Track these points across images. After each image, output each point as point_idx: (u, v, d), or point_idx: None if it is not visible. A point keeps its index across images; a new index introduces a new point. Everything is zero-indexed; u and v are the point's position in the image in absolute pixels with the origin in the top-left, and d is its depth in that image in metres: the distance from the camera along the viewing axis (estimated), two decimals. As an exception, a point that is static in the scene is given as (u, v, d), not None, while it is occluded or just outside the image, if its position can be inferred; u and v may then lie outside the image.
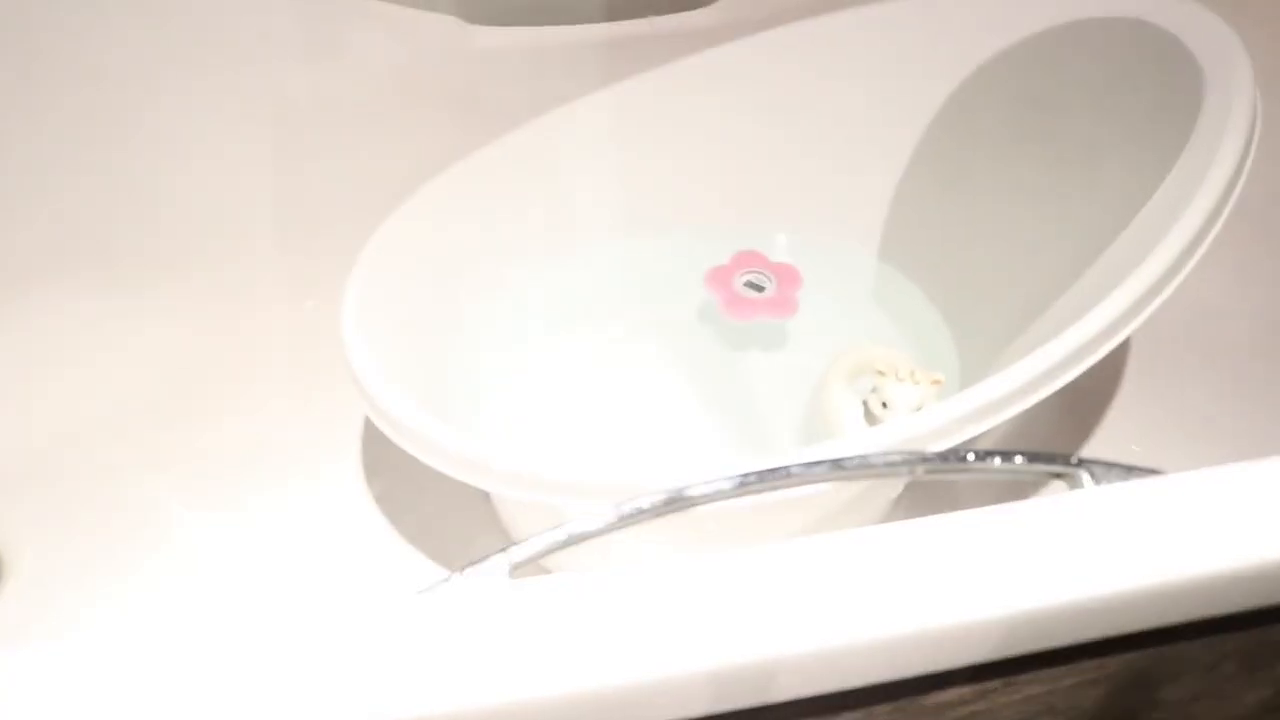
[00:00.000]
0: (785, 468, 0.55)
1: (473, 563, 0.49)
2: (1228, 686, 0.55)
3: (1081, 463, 0.53)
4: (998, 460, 0.55)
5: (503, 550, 0.49)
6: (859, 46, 0.96)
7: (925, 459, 0.57)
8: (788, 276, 0.93)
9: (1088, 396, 0.89)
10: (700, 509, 0.55)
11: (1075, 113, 0.87)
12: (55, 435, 0.94)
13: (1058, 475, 0.53)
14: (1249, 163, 0.71)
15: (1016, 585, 0.45)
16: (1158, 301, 0.67)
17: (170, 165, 1.08)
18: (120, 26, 1.05)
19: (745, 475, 0.55)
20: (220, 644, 0.43)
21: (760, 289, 0.93)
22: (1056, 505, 0.48)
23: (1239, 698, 0.56)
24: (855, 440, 0.63)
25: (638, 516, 0.53)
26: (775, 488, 0.56)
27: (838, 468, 0.56)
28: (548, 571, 0.57)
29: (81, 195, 1.06)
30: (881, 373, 0.77)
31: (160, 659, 0.42)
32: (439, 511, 0.87)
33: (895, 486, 0.81)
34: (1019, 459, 0.54)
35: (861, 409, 0.82)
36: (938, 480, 0.76)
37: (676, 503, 0.54)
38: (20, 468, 0.92)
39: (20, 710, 0.41)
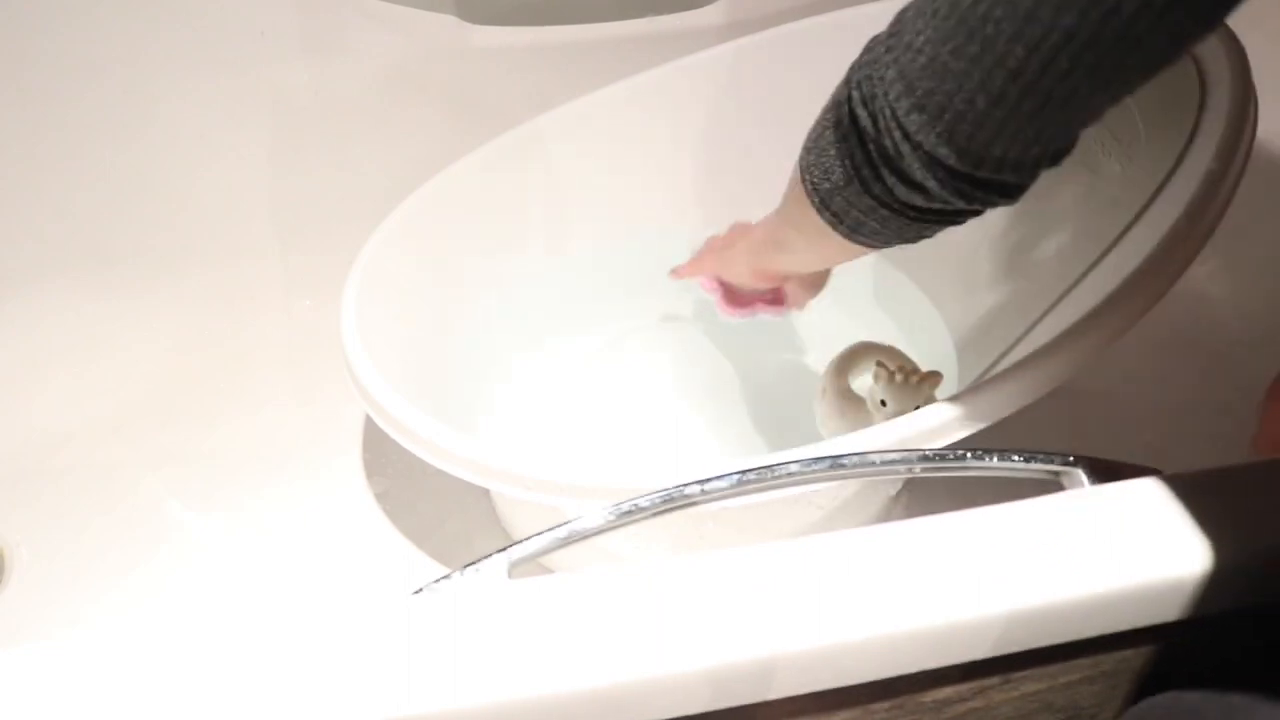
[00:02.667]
0: (784, 466, 0.55)
1: (472, 562, 0.49)
2: (1224, 687, 0.55)
3: (1079, 461, 0.53)
4: (996, 459, 0.55)
5: (502, 550, 0.49)
6: (859, 46, 0.96)
7: (923, 457, 0.57)
8: None
9: (1087, 395, 0.89)
10: (700, 508, 0.55)
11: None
12: (55, 435, 0.94)
13: (1055, 474, 0.53)
14: (1249, 162, 0.71)
15: (1014, 583, 0.45)
16: (1156, 301, 0.67)
17: (170, 165, 1.08)
18: (120, 26, 1.04)
19: (744, 474, 0.55)
20: (220, 643, 0.43)
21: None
22: (1054, 504, 0.48)
23: (1235, 698, 0.56)
24: (855, 439, 0.63)
25: (637, 516, 0.53)
26: (774, 487, 0.56)
27: (837, 466, 0.56)
28: (548, 571, 0.57)
29: (81, 195, 1.06)
30: (881, 370, 0.77)
31: (160, 658, 0.42)
32: (439, 511, 0.87)
33: (894, 485, 0.81)
34: (1017, 457, 0.54)
35: (861, 406, 0.82)
36: (936, 479, 0.76)
37: (676, 502, 0.54)
38: (20, 467, 0.92)
39: (20, 710, 0.41)
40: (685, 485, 0.54)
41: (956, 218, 0.52)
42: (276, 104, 1.10)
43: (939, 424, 0.62)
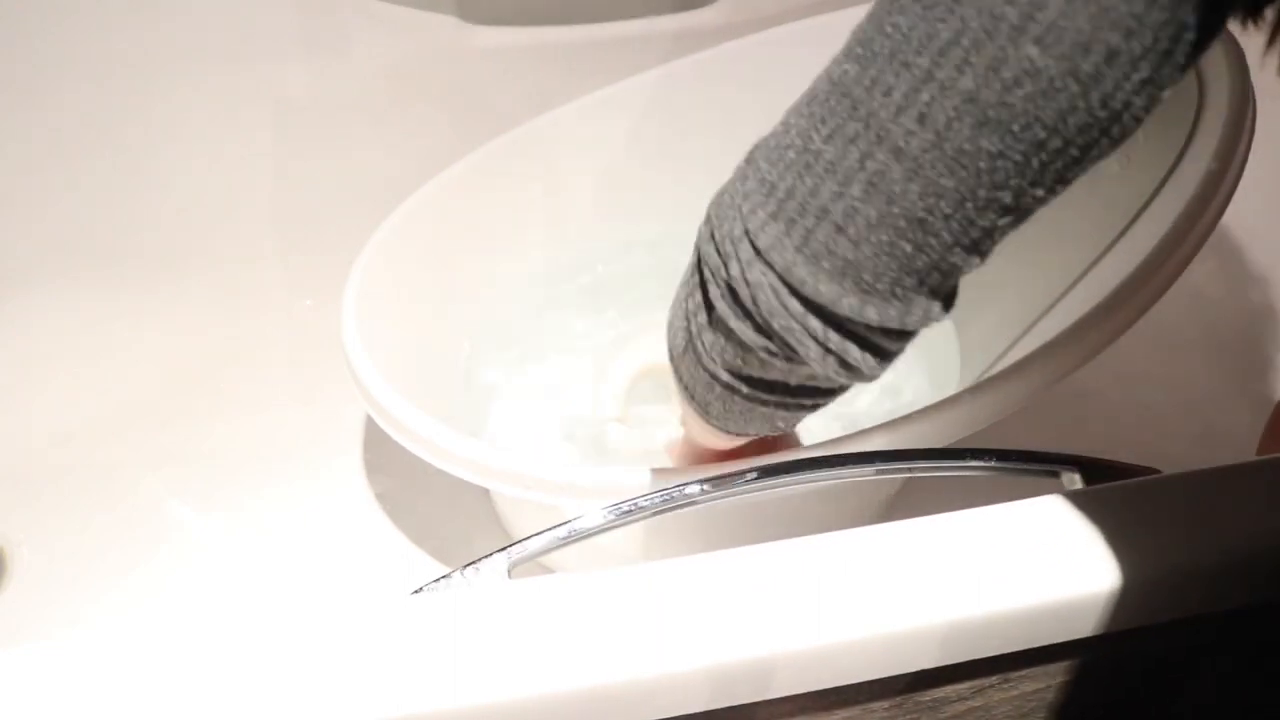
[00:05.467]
0: (784, 466, 0.56)
1: (472, 562, 0.49)
2: (1218, 686, 0.55)
3: (1078, 461, 0.53)
4: (995, 459, 0.55)
5: (502, 549, 0.49)
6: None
7: (923, 457, 0.57)
8: None
9: (1087, 395, 0.89)
10: (699, 508, 0.55)
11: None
12: (55, 435, 0.94)
13: (1054, 474, 0.53)
14: (1248, 162, 0.71)
15: (1012, 582, 0.45)
16: (1156, 300, 0.67)
17: (170, 165, 1.08)
18: (120, 26, 1.05)
19: (744, 474, 0.55)
20: (220, 643, 0.43)
21: None
22: (1053, 503, 0.48)
23: (1230, 695, 0.56)
24: (854, 439, 0.63)
25: (637, 516, 0.53)
26: (773, 486, 0.56)
27: (836, 466, 0.56)
28: (548, 571, 0.57)
29: (82, 195, 1.06)
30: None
31: (161, 658, 0.42)
32: (439, 511, 0.87)
33: (893, 484, 0.81)
34: (1016, 458, 0.54)
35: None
36: (936, 479, 0.76)
37: (676, 502, 0.54)
38: (20, 468, 0.92)
39: (21, 710, 0.41)
40: (685, 485, 0.54)
41: (816, 396, 0.43)
42: (276, 104, 1.10)
43: (939, 424, 0.62)
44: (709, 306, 0.42)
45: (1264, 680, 0.55)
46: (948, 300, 0.39)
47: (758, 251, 0.38)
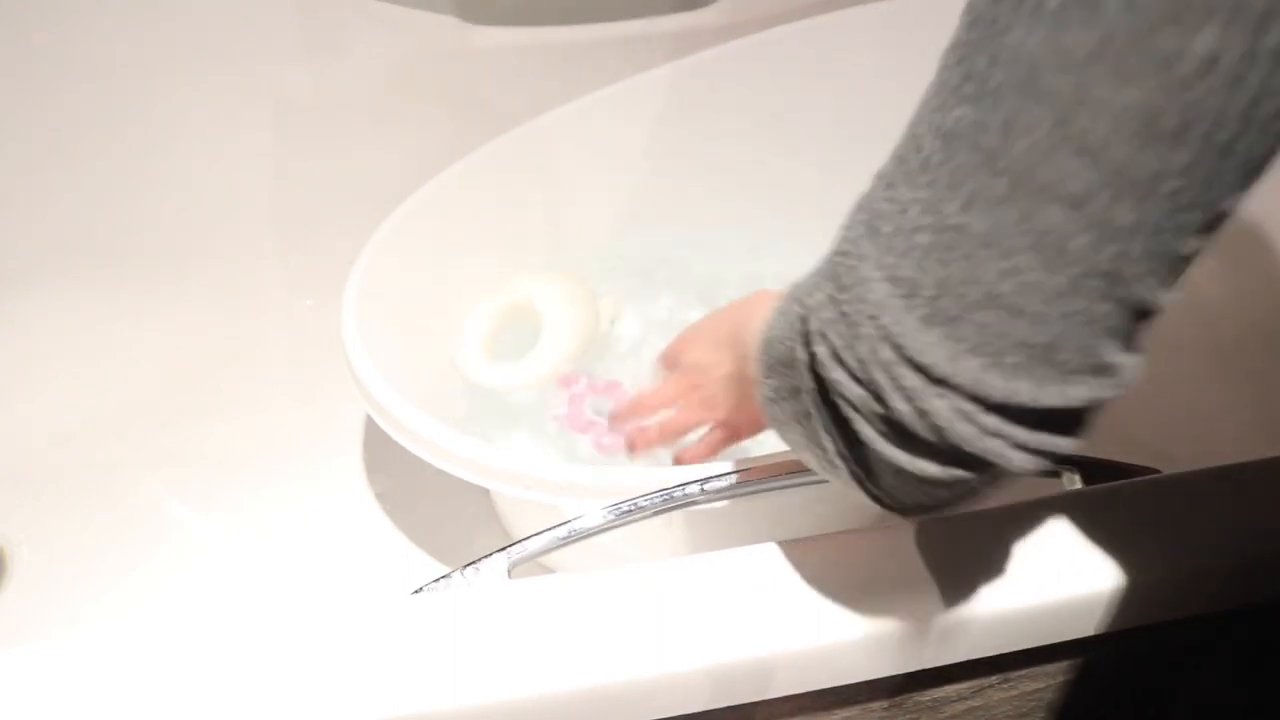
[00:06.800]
0: (783, 466, 0.56)
1: (472, 562, 0.49)
2: (1217, 685, 0.55)
3: (1079, 462, 0.53)
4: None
5: (502, 549, 0.49)
6: (859, 46, 0.96)
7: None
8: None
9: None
10: (699, 508, 0.55)
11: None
12: (55, 435, 0.94)
13: (1054, 474, 0.53)
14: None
15: (1012, 582, 0.45)
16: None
17: (170, 165, 1.08)
18: (120, 26, 1.04)
19: (744, 474, 0.55)
20: (220, 643, 0.43)
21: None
22: (1053, 504, 0.48)
23: (1230, 694, 0.56)
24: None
25: (637, 516, 0.53)
26: (774, 487, 0.56)
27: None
28: (548, 571, 0.57)
29: (82, 195, 1.06)
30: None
31: (160, 658, 0.42)
32: (439, 511, 0.87)
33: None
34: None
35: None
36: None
37: (676, 502, 0.54)
38: (20, 468, 0.92)
39: (20, 710, 0.41)
40: (685, 485, 0.54)
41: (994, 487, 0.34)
42: (276, 104, 1.10)
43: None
44: (854, 441, 0.34)
45: (1264, 680, 0.55)
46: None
47: (924, 372, 0.31)
